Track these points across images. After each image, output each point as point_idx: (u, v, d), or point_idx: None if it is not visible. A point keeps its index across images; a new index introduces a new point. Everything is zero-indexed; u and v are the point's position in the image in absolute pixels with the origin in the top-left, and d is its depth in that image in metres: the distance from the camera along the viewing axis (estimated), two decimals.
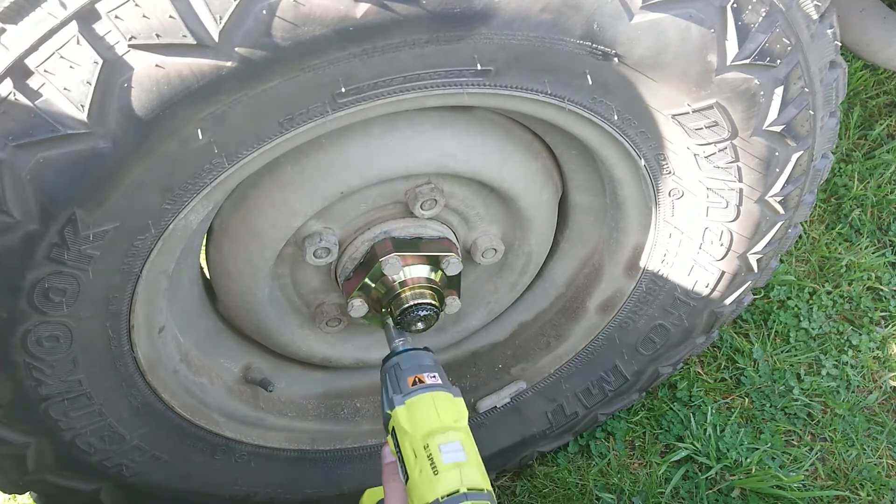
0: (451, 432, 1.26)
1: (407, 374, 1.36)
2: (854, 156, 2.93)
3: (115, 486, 1.63)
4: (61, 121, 1.06)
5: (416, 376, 1.35)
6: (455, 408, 1.31)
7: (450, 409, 1.30)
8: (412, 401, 1.30)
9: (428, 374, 1.35)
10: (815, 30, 1.37)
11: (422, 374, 1.35)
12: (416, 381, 1.34)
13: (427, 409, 1.29)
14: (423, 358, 1.41)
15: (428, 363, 1.40)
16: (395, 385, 1.35)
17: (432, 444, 1.23)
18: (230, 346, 1.76)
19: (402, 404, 1.30)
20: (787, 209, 1.60)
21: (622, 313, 1.83)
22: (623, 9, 1.20)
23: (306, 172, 1.41)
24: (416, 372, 1.36)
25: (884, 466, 2.26)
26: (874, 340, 2.50)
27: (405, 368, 1.38)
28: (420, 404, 1.30)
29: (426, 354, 1.43)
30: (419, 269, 1.58)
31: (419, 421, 1.27)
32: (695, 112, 1.38)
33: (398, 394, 1.33)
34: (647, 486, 2.19)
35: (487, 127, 1.50)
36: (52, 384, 1.36)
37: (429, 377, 1.35)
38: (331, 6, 1.07)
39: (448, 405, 1.30)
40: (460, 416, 1.30)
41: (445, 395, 1.32)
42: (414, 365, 1.39)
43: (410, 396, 1.31)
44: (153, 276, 1.35)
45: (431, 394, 1.31)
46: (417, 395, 1.31)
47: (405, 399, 1.31)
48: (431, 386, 1.33)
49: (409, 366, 1.38)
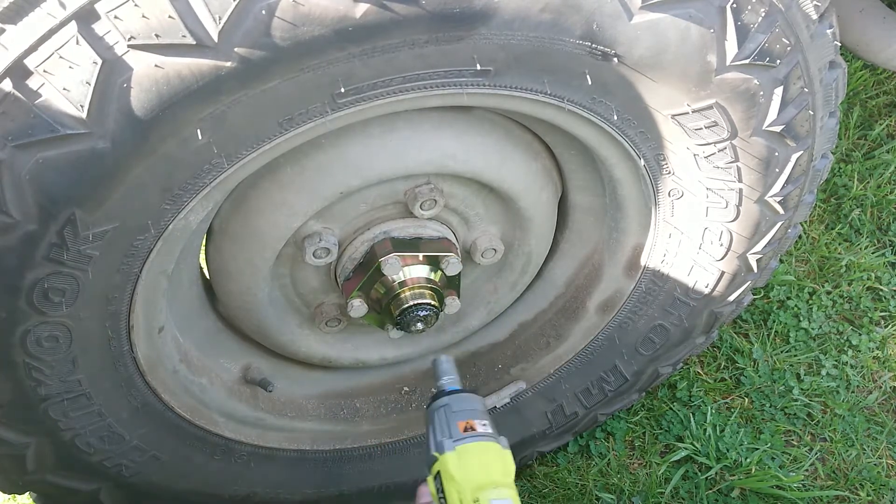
0: (503, 489, 1.23)
1: (458, 417, 1.32)
2: (854, 156, 2.93)
3: (114, 486, 1.63)
4: (61, 121, 1.06)
5: (467, 422, 1.31)
6: (504, 461, 1.28)
7: (500, 463, 1.27)
8: (463, 448, 1.27)
9: (479, 422, 1.31)
10: (815, 30, 1.37)
11: (473, 420, 1.31)
12: (468, 427, 1.30)
13: (478, 460, 1.26)
14: (475, 402, 1.37)
15: (479, 409, 1.36)
16: (445, 428, 1.31)
17: (483, 499, 1.20)
18: (230, 346, 1.76)
19: (453, 450, 1.26)
20: (786, 209, 1.60)
21: (622, 313, 1.83)
22: (623, 9, 1.20)
23: (306, 173, 1.41)
24: (468, 417, 1.32)
25: (883, 466, 2.26)
26: (874, 340, 2.50)
27: (456, 411, 1.33)
28: (471, 453, 1.26)
29: (477, 398, 1.38)
30: (419, 269, 1.58)
31: (470, 471, 1.24)
32: (694, 112, 1.38)
33: (448, 438, 1.29)
34: (646, 486, 2.19)
35: (487, 127, 1.50)
36: (51, 384, 1.36)
37: (480, 425, 1.31)
38: (330, 6, 1.07)
39: (498, 458, 1.27)
40: (509, 469, 1.27)
41: (496, 446, 1.28)
42: (465, 409, 1.34)
43: (462, 443, 1.27)
44: (153, 276, 1.35)
45: (483, 444, 1.28)
46: (469, 443, 1.27)
47: (455, 445, 1.27)
48: (483, 435, 1.29)
49: (460, 409, 1.34)
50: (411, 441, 1.95)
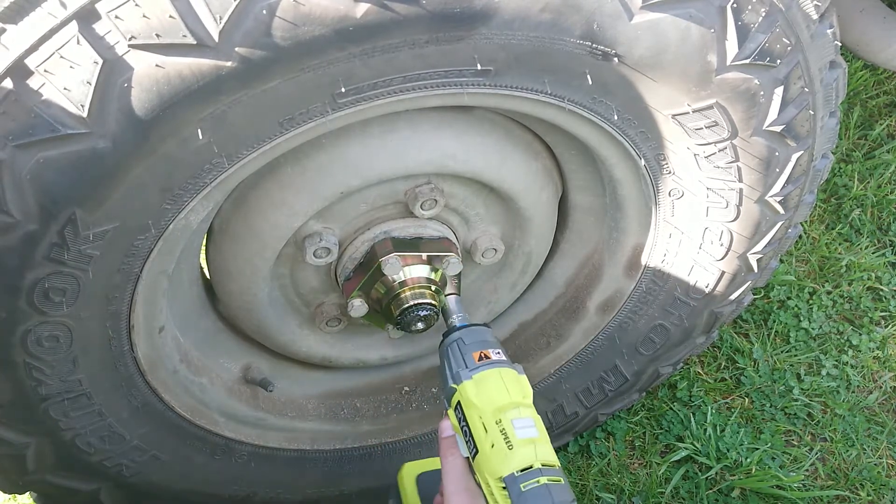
0: (523, 408, 1.26)
1: (472, 349, 1.36)
2: (854, 156, 2.93)
3: (114, 486, 1.63)
4: (61, 121, 1.06)
5: (481, 352, 1.34)
6: (522, 385, 1.30)
7: (517, 386, 1.29)
8: (480, 375, 1.30)
9: (493, 351, 1.35)
10: (815, 30, 1.37)
11: (487, 349, 1.35)
12: (482, 356, 1.34)
13: (496, 385, 1.28)
14: (486, 334, 1.40)
15: (491, 339, 1.39)
16: (460, 360, 1.35)
17: (505, 419, 1.23)
18: (230, 346, 1.76)
19: (470, 378, 1.30)
20: (787, 209, 1.60)
21: (622, 313, 1.83)
22: (623, 9, 1.20)
23: (306, 173, 1.41)
24: (481, 347, 1.35)
25: (884, 466, 2.26)
26: (874, 340, 2.50)
27: (469, 343, 1.37)
28: (488, 379, 1.29)
29: (487, 331, 1.42)
30: (419, 269, 1.58)
31: (489, 396, 1.27)
32: (695, 112, 1.38)
33: (464, 368, 1.32)
34: (647, 486, 2.19)
35: (487, 127, 1.50)
36: (52, 384, 1.36)
37: (494, 353, 1.34)
38: (331, 6, 1.07)
39: (516, 382, 1.30)
40: (527, 392, 1.30)
41: (512, 371, 1.32)
42: (478, 340, 1.38)
43: (478, 371, 1.31)
44: (153, 276, 1.35)
45: (499, 369, 1.31)
46: (485, 370, 1.31)
47: (472, 374, 1.30)
48: (498, 362, 1.33)
49: (472, 341, 1.38)
50: (412, 441, 1.95)
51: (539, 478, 1.18)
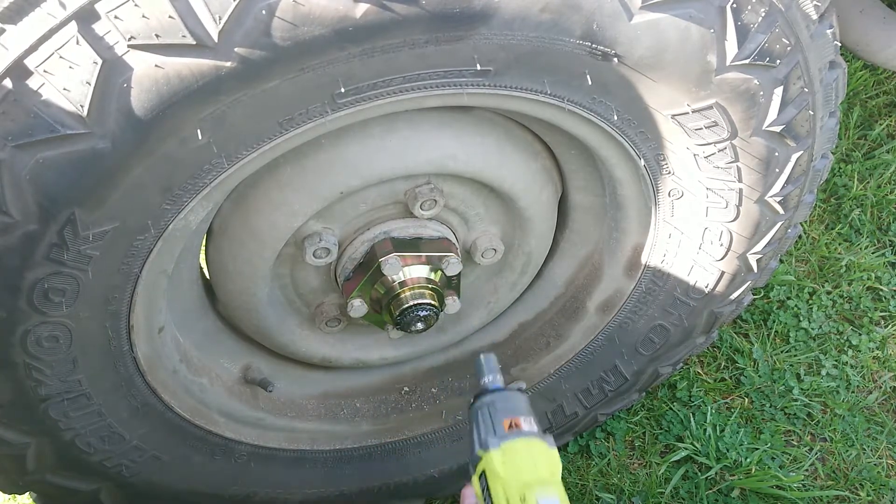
0: (550, 486, 1.20)
1: (502, 415, 1.30)
2: (854, 156, 2.93)
3: (114, 486, 1.63)
4: (61, 121, 1.06)
5: (511, 419, 1.29)
6: (551, 459, 1.25)
7: (546, 460, 1.25)
8: (508, 445, 1.25)
9: (524, 419, 1.29)
10: (815, 30, 1.37)
11: (518, 417, 1.29)
12: (513, 424, 1.28)
13: (524, 457, 1.23)
14: (520, 400, 1.34)
15: (524, 407, 1.33)
16: (489, 426, 1.29)
17: (530, 496, 1.17)
18: (230, 346, 1.76)
19: (498, 448, 1.24)
20: (786, 209, 1.60)
21: (622, 313, 1.83)
22: (623, 9, 1.20)
23: (306, 173, 1.41)
24: (512, 415, 1.30)
25: (884, 466, 2.26)
26: (874, 340, 2.50)
27: (500, 409, 1.31)
28: (516, 451, 1.24)
29: (522, 396, 1.36)
30: (419, 269, 1.58)
31: (516, 468, 1.22)
32: (694, 112, 1.38)
33: (492, 436, 1.27)
34: (646, 486, 2.19)
35: (487, 127, 1.50)
36: (51, 384, 1.36)
37: (525, 422, 1.29)
38: (330, 6, 1.07)
39: (545, 456, 1.25)
40: (556, 468, 1.25)
41: (542, 444, 1.26)
42: (510, 407, 1.32)
43: (506, 441, 1.25)
44: (153, 276, 1.35)
45: (528, 441, 1.26)
46: (514, 441, 1.25)
47: (501, 443, 1.25)
48: (528, 433, 1.27)
49: (504, 407, 1.32)
50: (411, 441, 1.95)
51: None
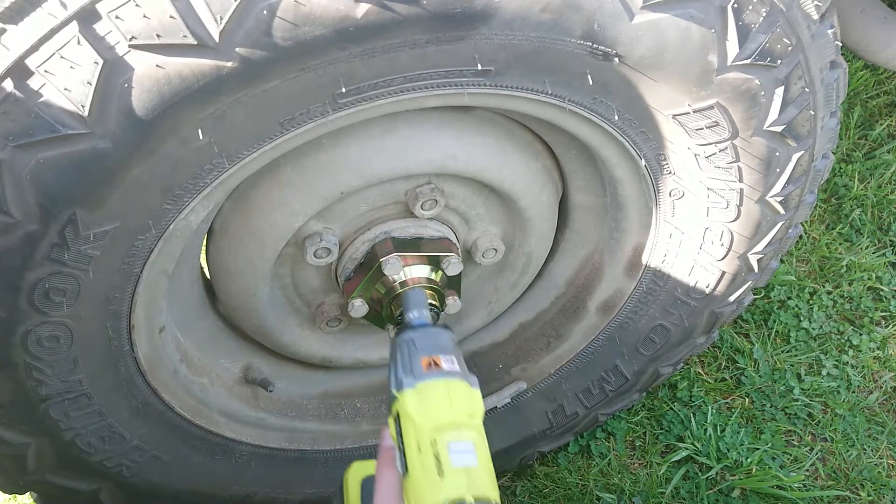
0: (465, 430, 1.11)
1: (421, 353, 1.20)
2: (854, 156, 2.93)
3: (115, 486, 1.63)
4: (61, 121, 1.06)
5: (431, 358, 1.19)
6: (472, 401, 1.15)
7: (465, 402, 1.14)
8: (424, 385, 1.15)
9: (445, 357, 1.19)
10: (816, 30, 1.36)
11: (438, 355, 1.19)
12: (432, 363, 1.18)
13: (440, 399, 1.13)
14: (442, 337, 1.25)
15: (446, 344, 1.23)
16: (407, 364, 1.19)
17: (441, 441, 1.08)
18: (230, 346, 1.76)
19: (413, 387, 1.15)
20: (787, 209, 1.60)
21: (622, 313, 1.83)
22: (623, 9, 1.20)
23: (307, 173, 1.41)
24: (432, 352, 1.20)
25: (884, 466, 2.26)
26: (874, 340, 2.50)
27: (420, 346, 1.22)
28: (432, 391, 1.14)
29: (445, 333, 1.26)
30: (419, 269, 1.58)
31: (430, 411, 1.12)
32: (695, 112, 1.38)
33: (409, 375, 1.17)
34: (647, 486, 2.19)
35: (488, 127, 1.50)
36: (52, 384, 1.36)
37: (446, 361, 1.18)
38: (331, 6, 1.07)
39: (464, 397, 1.14)
40: (476, 411, 1.15)
41: (462, 384, 1.16)
42: (430, 344, 1.22)
43: (423, 380, 1.15)
44: (153, 276, 1.35)
45: (447, 381, 1.16)
46: (431, 381, 1.15)
47: (416, 382, 1.15)
48: (448, 372, 1.17)
49: (424, 344, 1.22)
50: None
51: None
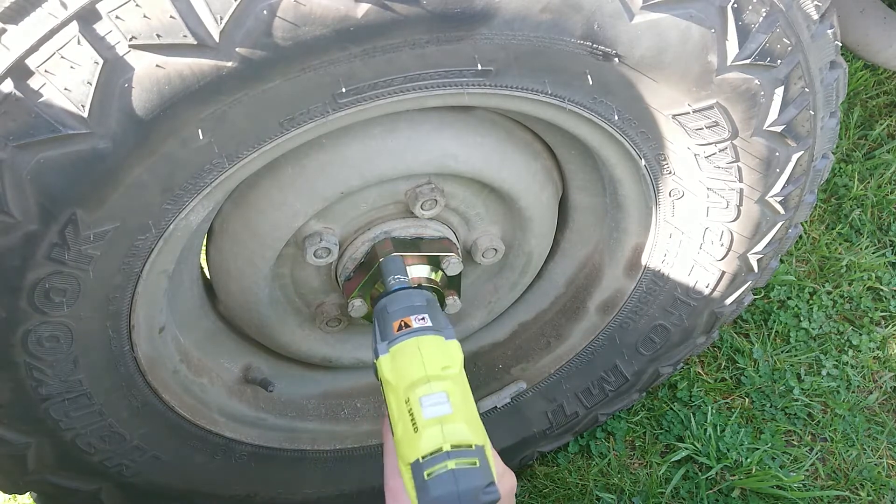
0: (434, 382, 1.09)
1: (393, 317, 1.20)
2: (854, 156, 2.93)
3: (115, 486, 1.63)
4: (62, 121, 1.06)
5: (402, 320, 1.18)
6: (445, 353, 1.14)
7: (438, 356, 1.13)
8: (396, 348, 1.14)
9: (416, 317, 1.18)
10: (816, 30, 1.37)
11: (409, 316, 1.18)
12: (402, 325, 1.17)
13: (411, 358, 1.12)
14: (414, 298, 1.23)
15: (418, 303, 1.22)
16: (383, 331, 1.19)
17: (413, 398, 1.08)
18: (230, 346, 1.76)
19: (387, 353, 1.15)
20: (787, 209, 1.60)
21: (622, 313, 1.83)
22: (623, 9, 1.20)
23: (307, 173, 1.41)
24: (404, 315, 1.19)
25: (884, 466, 2.26)
26: (874, 340, 2.50)
27: (392, 311, 1.21)
28: (404, 352, 1.14)
29: (418, 293, 1.25)
30: (419, 269, 1.58)
31: (402, 371, 1.12)
32: (695, 112, 1.38)
33: (383, 341, 1.17)
34: (647, 486, 2.19)
35: (488, 127, 1.50)
36: (52, 384, 1.36)
37: (416, 320, 1.17)
38: (331, 6, 1.07)
39: (436, 351, 1.13)
40: (451, 361, 1.13)
41: (434, 338, 1.15)
42: (402, 307, 1.22)
43: (395, 343, 1.15)
44: (153, 276, 1.35)
45: (417, 339, 1.15)
46: (402, 342, 1.15)
47: (389, 346, 1.15)
48: (418, 330, 1.16)
49: (396, 308, 1.22)
50: None
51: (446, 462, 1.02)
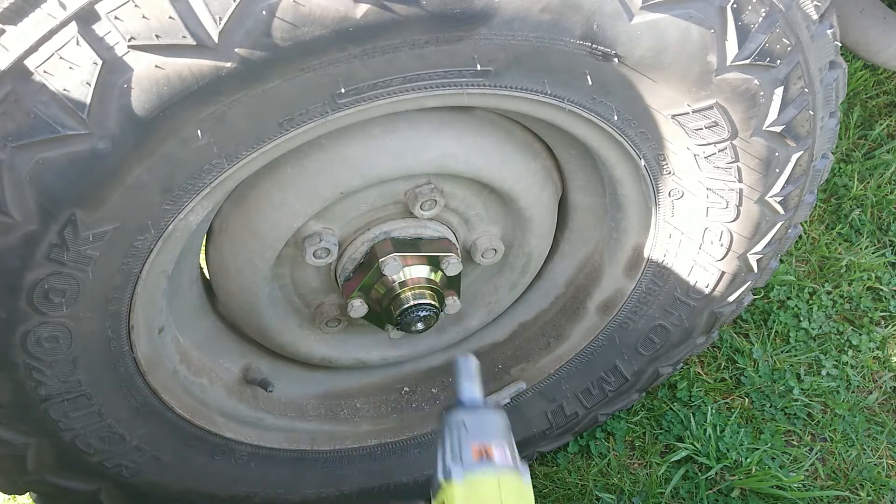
0: None
1: (472, 439, 1.15)
2: (854, 156, 2.93)
3: (114, 486, 1.63)
4: (61, 121, 1.06)
5: (482, 446, 1.14)
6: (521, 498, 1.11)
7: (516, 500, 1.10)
8: (473, 478, 1.10)
9: (497, 447, 1.14)
10: (815, 30, 1.37)
11: (490, 445, 1.14)
12: (483, 452, 1.13)
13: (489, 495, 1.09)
14: (495, 422, 1.19)
15: (499, 430, 1.18)
16: (456, 451, 1.14)
17: None
18: (230, 346, 1.76)
19: (461, 480, 1.10)
20: (787, 209, 1.60)
21: (622, 313, 1.83)
22: (623, 9, 1.20)
23: (306, 173, 1.41)
24: (484, 439, 1.15)
25: (884, 466, 2.26)
26: (874, 340, 2.50)
27: (472, 432, 1.16)
28: (482, 486, 1.10)
29: (499, 416, 1.20)
30: (419, 269, 1.58)
31: None
32: (695, 112, 1.38)
33: (458, 464, 1.12)
34: (647, 486, 2.19)
35: (487, 127, 1.50)
36: (51, 385, 1.36)
37: (497, 451, 1.14)
38: (330, 7, 1.07)
39: (515, 494, 1.10)
40: None
41: (514, 479, 1.12)
42: (483, 430, 1.17)
43: (473, 472, 1.11)
44: (153, 276, 1.35)
45: (498, 475, 1.11)
46: (481, 473, 1.11)
47: (465, 474, 1.11)
48: (500, 466, 1.12)
49: (476, 430, 1.17)
50: (412, 441, 1.95)
51: None
